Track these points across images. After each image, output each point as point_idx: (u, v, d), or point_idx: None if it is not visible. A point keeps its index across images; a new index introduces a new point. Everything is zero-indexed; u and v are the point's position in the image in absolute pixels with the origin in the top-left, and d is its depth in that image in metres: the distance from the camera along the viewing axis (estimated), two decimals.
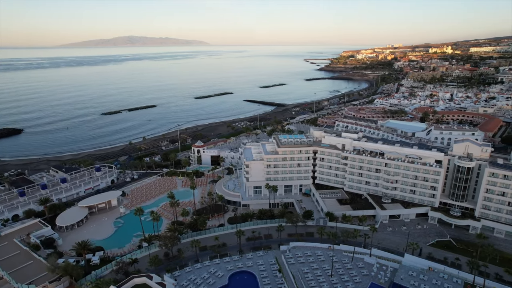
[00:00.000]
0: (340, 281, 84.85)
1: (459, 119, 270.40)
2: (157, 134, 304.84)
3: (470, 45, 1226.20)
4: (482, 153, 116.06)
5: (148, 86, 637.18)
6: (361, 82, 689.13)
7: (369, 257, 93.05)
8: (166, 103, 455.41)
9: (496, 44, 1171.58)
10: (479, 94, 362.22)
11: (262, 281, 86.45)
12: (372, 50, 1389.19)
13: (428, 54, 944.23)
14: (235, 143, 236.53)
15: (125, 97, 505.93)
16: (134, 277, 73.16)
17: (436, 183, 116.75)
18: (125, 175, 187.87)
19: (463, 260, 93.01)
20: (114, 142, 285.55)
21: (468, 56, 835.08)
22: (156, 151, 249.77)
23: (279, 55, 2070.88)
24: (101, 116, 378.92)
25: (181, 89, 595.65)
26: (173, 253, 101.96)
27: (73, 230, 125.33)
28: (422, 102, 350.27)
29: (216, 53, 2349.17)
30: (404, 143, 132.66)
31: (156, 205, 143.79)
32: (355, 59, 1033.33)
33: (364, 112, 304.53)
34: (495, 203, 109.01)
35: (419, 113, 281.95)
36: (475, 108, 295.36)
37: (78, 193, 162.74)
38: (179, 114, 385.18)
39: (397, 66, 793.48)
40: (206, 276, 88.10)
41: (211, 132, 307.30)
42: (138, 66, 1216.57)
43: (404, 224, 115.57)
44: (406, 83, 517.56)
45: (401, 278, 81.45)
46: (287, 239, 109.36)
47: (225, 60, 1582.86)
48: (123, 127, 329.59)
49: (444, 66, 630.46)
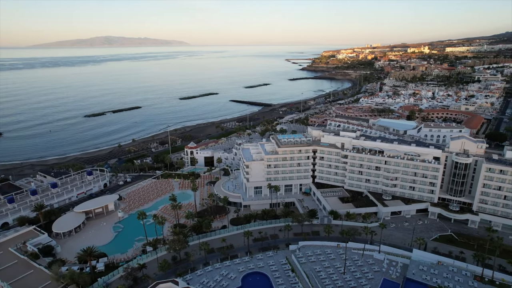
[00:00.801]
0: (353, 278, 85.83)
1: (443, 117, 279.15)
2: (145, 136, 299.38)
3: (444, 45, 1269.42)
4: (477, 149, 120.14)
5: (131, 87, 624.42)
6: (343, 81, 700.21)
7: (378, 253, 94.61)
8: (151, 104, 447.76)
9: (468, 45, 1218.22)
10: (459, 93, 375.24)
11: (276, 281, 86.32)
12: (352, 50, 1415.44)
13: (407, 54, 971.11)
14: (227, 143, 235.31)
15: (108, 98, 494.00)
16: (159, 283, 71.30)
17: (435, 179, 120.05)
18: (117, 178, 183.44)
19: (467, 254, 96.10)
20: (100, 145, 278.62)
21: (444, 55, 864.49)
22: (146, 153, 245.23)
23: (260, 55, 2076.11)
24: (85, 119, 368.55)
25: (165, 90, 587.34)
26: (180, 257, 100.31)
27: (70, 237, 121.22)
28: (406, 100, 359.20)
29: (197, 54, 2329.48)
30: (402, 141, 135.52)
31: (155, 208, 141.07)
32: (336, 59, 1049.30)
33: (352, 111, 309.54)
34: (492, 197, 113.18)
35: (405, 111, 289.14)
36: (457, 106, 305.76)
37: (70, 198, 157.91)
38: (166, 115, 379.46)
39: (378, 65, 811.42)
40: (218, 279, 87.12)
41: (200, 133, 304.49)
42: (118, 67, 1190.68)
43: (406, 220, 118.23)
44: (388, 82, 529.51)
45: (413, 273, 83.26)
46: (294, 238, 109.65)
47: (207, 61, 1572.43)
48: (109, 129, 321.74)
49: (424, 66, 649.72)
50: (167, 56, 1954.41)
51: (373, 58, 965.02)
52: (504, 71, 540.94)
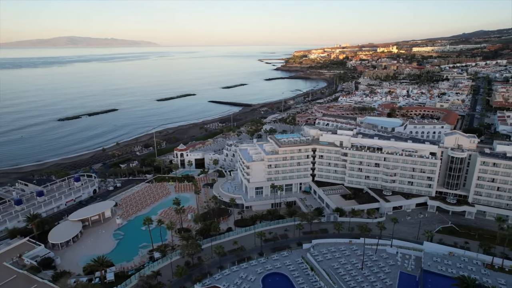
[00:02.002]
0: (371, 273, 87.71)
1: (421, 114, 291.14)
2: (128, 139, 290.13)
3: (410, 45, 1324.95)
4: (470, 144, 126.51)
5: (104, 89, 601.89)
6: (318, 81, 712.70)
7: (390, 247, 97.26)
8: (128, 107, 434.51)
9: (431, 45, 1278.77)
10: (432, 90, 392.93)
11: (296, 280, 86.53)
12: (322, 50, 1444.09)
13: (377, 54, 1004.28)
14: (217, 144, 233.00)
15: (83, 101, 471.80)
16: None
17: (432, 174, 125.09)
18: (106, 183, 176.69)
19: (472, 244, 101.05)
20: (80, 150, 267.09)
21: (412, 55, 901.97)
22: (131, 156, 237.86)
23: (232, 55, 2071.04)
24: (59, 123, 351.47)
25: (140, 91, 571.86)
26: (193, 262, 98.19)
27: (69, 247, 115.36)
28: (383, 99, 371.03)
29: (168, 54, 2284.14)
30: (398, 138, 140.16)
31: (154, 213, 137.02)
32: (309, 59, 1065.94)
33: (333, 110, 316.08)
34: (486, 189, 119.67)
35: (385, 109, 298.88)
36: (433, 103, 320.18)
37: (59, 206, 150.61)
38: (147, 118, 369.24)
39: (350, 65, 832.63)
40: (238, 282, 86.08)
41: (184, 135, 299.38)
42: (87, 68, 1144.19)
43: (407, 214, 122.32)
44: (363, 81, 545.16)
45: (428, 265, 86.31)
46: (303, 237, 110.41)
47: (179, 61, 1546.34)
48: (88, 133, 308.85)
49: (395, 65, 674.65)
50: (137, 57, 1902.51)
51: (344, 58, 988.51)
52: (468, 70, 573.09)
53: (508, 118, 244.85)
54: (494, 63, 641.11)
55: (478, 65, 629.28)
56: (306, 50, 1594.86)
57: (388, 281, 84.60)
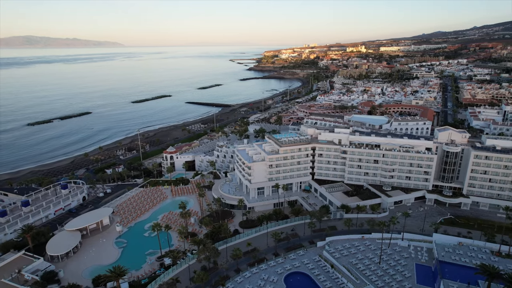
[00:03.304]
0: (389, 266, 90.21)
1: (399, 111, 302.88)
2: (108, 143, 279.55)
3: (376, 45, 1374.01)
4: (462, 139, 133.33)
5: (74, 92, 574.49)
6: (292, 80, 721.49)
7: (402, 241, 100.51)
8: (103, 110, 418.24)
9: (396, 44, 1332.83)
10: (405, 88, 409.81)
11: (318, 278, 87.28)
12: (292, 49, 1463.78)
13: (346, 53, 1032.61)
14: (206, 146, 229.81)
15: (53, 106, 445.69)
16: None
17: (429, 168, 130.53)
18: (95, 190, 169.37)
19: (474, 233, 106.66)
20: (57, 156, 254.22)
21: (380, 54, 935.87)
22: (116, 161, 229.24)
23: (202, 55, 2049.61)
24: (29, 127, 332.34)
25: (113, 93, 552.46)
26: (209, 266, 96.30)
27: (69, 259, 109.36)
28: (360, 97, 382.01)
29: (135, 55, 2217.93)
30: (394, 135, 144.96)
31: (154, 219, 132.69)
32: (282, 59, 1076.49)
33: (315, 109, 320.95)
34: (479, 181, 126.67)
35: (364, 107, 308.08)
36: (408, 101, 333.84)
37: (48, 216, 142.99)
38: (126, 121, 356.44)
39: (322, 64, 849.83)
40: (261, 284, 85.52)
41: (167, 137, 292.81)
42: (50, 70, 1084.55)
43: (408, 208, 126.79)
44: (337, 80, 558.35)
45: (442, 255, 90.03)
46: (314, 235, 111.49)
47: (148, 62, 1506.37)
48: (63, 138, 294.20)
49: (366, 64, 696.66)
50: (103, 58, 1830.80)
51: (315, 58, 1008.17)
52: (434, 69, 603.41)
53: (479, 113, 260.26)
54: (456, 62, 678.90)
55: (442, 64, 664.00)
56: (276, 50, 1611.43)
57: (407, 273, 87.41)
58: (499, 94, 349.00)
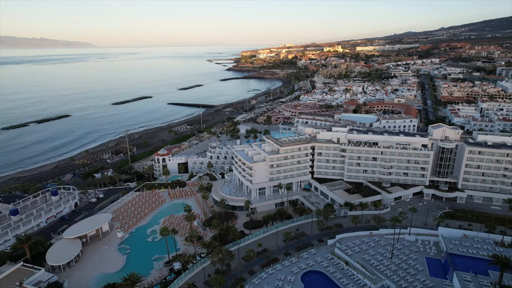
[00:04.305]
0: (401, 261, 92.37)
1: (383, 109, 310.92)
2: (92, 146, 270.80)
3: (351, 45, 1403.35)
4: (455, 135, 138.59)
5: (49, 94, 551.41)
6: (272, 80, 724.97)
7: (409, 235, 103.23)
8: (83, 112, 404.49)
9: (370, 44, 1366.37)
10: (385, 87, 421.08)
11: (334, 276, 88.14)
12: (269, 49, 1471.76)
13: (324, 53, 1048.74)
14: (197, 147, 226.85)
15: (27, 109, 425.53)
16: None
17: (426, 164, 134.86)
18: (87, 195, 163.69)
19: (474, 225, 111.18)
20: (40, 161, 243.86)
21: (356, 54, 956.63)
22: (104, 165, 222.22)
23: (179, 56, 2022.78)
24: (4, 132, 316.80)
25: (92, 95, 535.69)
26: (222, 268, 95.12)
27: (72, 268, 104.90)
28: (343, 96, 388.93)
29: (109, 56, 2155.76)
30: (390, 133, 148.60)
31: (155, 223, 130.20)
32: (260, 59, 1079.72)
33: (301, 108, 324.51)
34: (473, 175, 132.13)
35: (349, 106, 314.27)
36: (391, 99, 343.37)
37: (39, 224, 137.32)
38: (110, 124, 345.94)
39: (301, 64, 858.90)
40: (279, 284, 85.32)
41: (153, 139, 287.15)
42: (20, 72, 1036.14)
43: (408, 203, 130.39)
44: (318, 79, 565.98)
45: (451, 248, 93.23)
46: (321, 233, 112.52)
47: (124, 63, 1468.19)
48: (45, 143, 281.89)
49: (344, 64, 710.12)
50: (76, 59, 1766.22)
51: (293, 57, 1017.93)
52: (410, 67, 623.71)
53: (458, 111, 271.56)
54: (430, 62, 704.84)
55: (417, 63, 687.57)
56: (253, 50, 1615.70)
57: (419, 267, 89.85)
58: (474, 92, 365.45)
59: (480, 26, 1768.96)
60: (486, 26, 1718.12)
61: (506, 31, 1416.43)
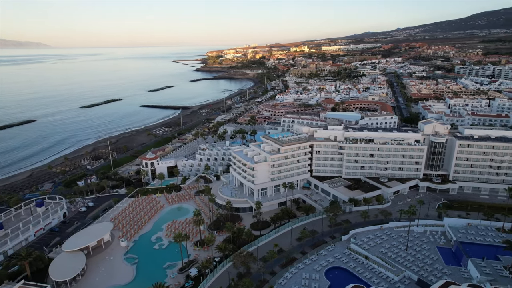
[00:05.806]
0: (416, 251, 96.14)
1: (359, 107, 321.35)
2: (67, 153, 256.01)
3: (314, 44, 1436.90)
4: (444, 130, 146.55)
5: (5, 98, 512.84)
6: (243, 80, 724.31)
7: (417, 227, 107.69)
8: (49, 117, 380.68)
9: (334, 44, 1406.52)
10: (357, 86, 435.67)
11: (356, 270, 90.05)
12: (234, 50, 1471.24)
13: (291, 53, 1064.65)
14: (184, 149, 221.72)
15: None
16: None
17: (420, 159, 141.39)
18: (75, 204, 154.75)
19: (472, 214, 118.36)
20: (9, 171, 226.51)
21: (323, 53, 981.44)
22: (85, 171, 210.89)
23: (142, 57, 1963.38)
24: None
25: (56, 99, 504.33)
26: (243, 271, 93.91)
27: (78, 283, 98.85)
28: (318, 95, 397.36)
29: (67, 57, 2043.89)
30: (385, 130, 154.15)
31: (158, 229, 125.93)
32: (228, 59, 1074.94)
33: (280, 108, 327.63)
34: (463, 167, 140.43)
35: (327, 105, 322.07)
36: (365, 97, 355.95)
37: (27, 238, 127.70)
38: (83, 130, 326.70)
39: (269, 64, 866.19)
40: (306, 283, 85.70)
41: (132, 143, 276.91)
42: None
43: (406, 196, 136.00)
44: (289, 79, 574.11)
45: (459, 236, 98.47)
46: (330, 230, 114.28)
47: (85, 64, 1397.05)
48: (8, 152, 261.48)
49: (313, 63, 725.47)
50: (30, 60, 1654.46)
51: (261, 58, 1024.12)
52: (377, 66, 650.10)
53: (430, 107, 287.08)
54: (393, 60, 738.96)
55: (382, 62, 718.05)
56: (219, 50, 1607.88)
57: (433, 256, 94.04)
58: (439, 89, 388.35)
59: (433, 27, 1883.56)
60: (438, 27, 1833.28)
61: (455, 32, 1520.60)
